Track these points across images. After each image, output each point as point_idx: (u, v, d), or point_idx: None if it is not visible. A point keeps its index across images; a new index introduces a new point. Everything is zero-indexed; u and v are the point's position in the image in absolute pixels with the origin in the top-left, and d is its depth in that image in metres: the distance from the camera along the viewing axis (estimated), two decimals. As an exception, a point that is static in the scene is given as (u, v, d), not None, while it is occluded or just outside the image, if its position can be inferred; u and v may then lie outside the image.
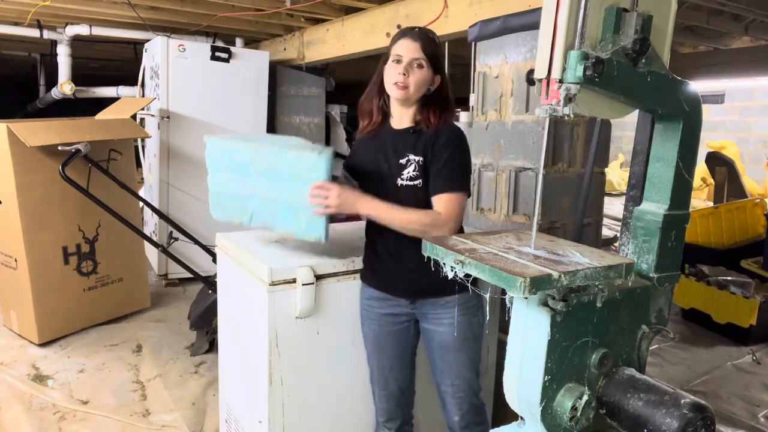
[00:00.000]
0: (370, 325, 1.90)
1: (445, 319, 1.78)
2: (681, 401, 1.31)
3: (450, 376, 1.82)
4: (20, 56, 6.98)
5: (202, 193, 4.55)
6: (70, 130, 3.27)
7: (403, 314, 1.86)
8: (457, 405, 1.84)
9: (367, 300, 1.90)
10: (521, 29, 2.51)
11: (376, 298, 1.87)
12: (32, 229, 3.25)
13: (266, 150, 1.89)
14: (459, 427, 1.86)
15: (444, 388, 1.85)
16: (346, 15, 4.14)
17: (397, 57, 1.73)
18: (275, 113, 5.28)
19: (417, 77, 1.72)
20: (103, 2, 4.16)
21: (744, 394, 3.12)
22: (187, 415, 2.70)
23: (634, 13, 1.32)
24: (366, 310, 1.91)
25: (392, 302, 1.85)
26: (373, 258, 1.87)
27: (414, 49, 1.71)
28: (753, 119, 9.98)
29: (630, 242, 1.61)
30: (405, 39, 1.73)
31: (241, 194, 1.94)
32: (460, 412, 1.84)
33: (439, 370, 1.84)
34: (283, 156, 1.82)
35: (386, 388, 1.91)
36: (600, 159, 2.60)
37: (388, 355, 1.89)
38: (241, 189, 1.93)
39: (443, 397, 1.87)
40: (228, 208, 2.00)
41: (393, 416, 1.93)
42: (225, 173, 1.99)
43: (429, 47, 1.73)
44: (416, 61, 1.71)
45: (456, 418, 1.85)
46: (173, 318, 3.86)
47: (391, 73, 1.74)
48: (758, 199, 5.45)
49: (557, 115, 1.32)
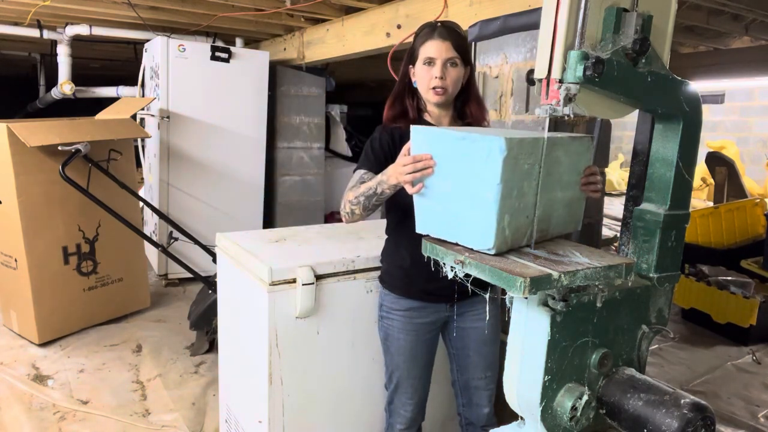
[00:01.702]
0: (406, 337, 1.80)
1: (482, 314, 1.81)
2: (681, 401, 1.31)
3: (484, 369, 1.86)
4: (20, 56, 6.97)
5: (202, 193, 4.62)
6: (70, 130, 3.27)
7: (438, 321, 1.84)
8: (488, 396, 1.87)
9: (402, 312, 1.80)
10: (521, 29, 2.51)
11: (415, 309, 1.79)
12: (32, 229, 3.25)
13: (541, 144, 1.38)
14: (487, 419, 1.88)
15: (476, 382, 1.87)
16: (346, 15, 4.14)
17: (429, 59, 1.67)
18: (275, 113, 5.28)
19: (453, 77, 1.68)
20: (103, 2, 4.16)
21: (744, 394, 3.12)
22: (187, 415, 2.70)
23: (634, 13, 1.32)
24: (399, 322, 1.80)
25: (432, 309, 1.80)
26: (410, 268, 1.76)
27: (446, 49, 1.66)
28: (753, 119, 9.98)
29: (630, 242, 1.61)
30: (434, 39, 1.67)
31: (529, 205, 1.41)
32: (490, 403, 1.88)
33: (473, 365, 1.86)
34: (562, 147, 1.44)
35: (413, 398, 1.88)
36: (600, 159, 2.60)
37: (420, 365, 1.86)
38: (531, 198, 1.41)
39: (472, 392, 1.89)
40: (514, 230, 1.38)
41: (414, 423, 1.92)
42: (519, 182, 1.36)
43: (459, 43, 1.69)
44: (450, 60, 1.67)
45: (486, 410, 1.88)
46: (173, 318, 3.85)
47: (425, 77, 1.68)
48: (758, 199, 5.44)
49: (557, 115, 1.31)
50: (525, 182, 1.37)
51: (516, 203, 1.35)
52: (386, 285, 1.84)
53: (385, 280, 1.86)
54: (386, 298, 1.83)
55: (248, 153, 4.80)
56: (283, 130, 5.37)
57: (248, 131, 4.76)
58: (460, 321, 1.84)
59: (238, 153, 4.73)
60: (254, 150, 4.83)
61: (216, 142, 4.60)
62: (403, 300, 1.79)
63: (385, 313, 1.84)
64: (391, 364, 1.86)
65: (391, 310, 1.82)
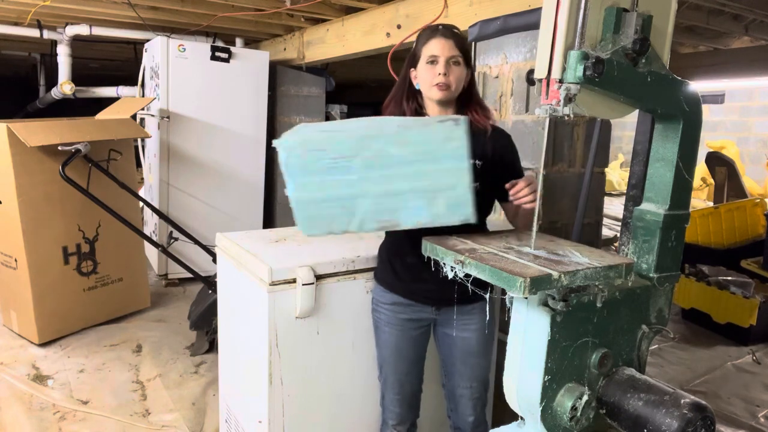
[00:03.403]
0: (391, 330, 1.85)
1: (471, 325, 1.80)
2: (681, 401, 1.31)
3: (470, 379, 1.85)
4: (20, 56, 6.97)
5: (202, 193, 4.62)
6: (70, 130, 3.27)
7: (424, 319, 1.85)
8: (473, 405, 1.87)
9: (388, 305, 1.85)
10: (521, 29, 2.51)
11: (399, 304, 1.83)
12: (32, 229, 3.25)
13: (371, 137, 1.56)
14: (471, 427, 1.88)
15: (461, 391, 1.87)
16: (346, 15, 4.14)
17: (432, 58, 1.69)
18: (275, 113, 5.28)
19: (456, 75, 1.70)
20: (103, 2, 4.16)
21: (744, 394, 3.12)
22: (187, 415, 2.70)
23: (634, 13, 1.32)
24: (386, 315, 1.85)
25: (417, 308, 1.82)
26: (399, 266, 1.82)
27: (449, 47, 1.69)
28: (753, 119, 9.98)
29: (630, 242, 1.61)
30: (437, 38, 1.70)
31: (344, 196, 1.58)
32: (474, 412, 1.88)
33: (459, 374, 1.85)
34: (399, 138, 1.54)
35: (401, 393, 1.89)
36: (600, 159, 2.60)
37: (407, 361, 1.87)
38: (345, 190, 1.58)
39: (458, 399, 1.89)
40: (326, 218, 1.61)
41: (404, 419, 1.93)
42: (317, 177, 1.58)
43: (462, 43, 1.72)
44: (453, 59, 1.69)
45: (471, 419, 1.88)
46: (173, 318, 3.85)
47: (427, 75, 1.70)
48: (758, 199, 5.45)
49: (557, 115, 1.32)
50: (331, 176, 1.54)
51: (319, 195, 1.56)
52: (377, 278, 1.91)
53: (376, 273, 1.92)
54: (376, 290, 1.91)
55: (248, 153, 4.80)
56: (283, 130, 5.33)
57: (248, 131, 4.76)
58: (446, 328, 1.84)
59: (238, 153, 4.73)
60: (254, 150, 4.83)
61: (216, 142, 4.60)
62: (389, 294, 1.85)
63: (375, 305, 1.90)
64: (380, 357, 1.91)
65: (379, 303, 1.88)
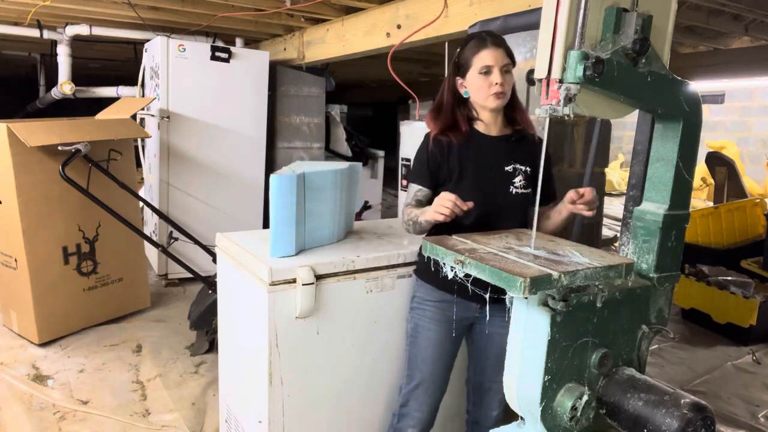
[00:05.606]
0: (439, 328, 1.84)
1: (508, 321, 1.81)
2: (681, 401, 1.31)
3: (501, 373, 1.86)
4: (20, 56, 6.98)
5: (202, 193, 4.62)
6: (70, 130, 3.27)
7: (466, 319, 1.86)
8: (500, 400, 1.88)
9: (436, 303, 1.84)
10: (521, 29, 2.51)
11: (447, 301, 1.83)
12: (32, 229, 3.25)
13: None
14: (495, 420, 1.91)
15: (490, 385, 1.89)
16: (347, 15, 4.14)
17: (485, 68, 1.73)
18: (275, 113, 5.28)
19: (509, 82, 1.76)
20: (103, 2, 4.16)
21: (744, 394, 3.12)
22: (187, 415, 2.70)
23: (634, 13, 1.32)
24: (431, 312, 1.85)
25: (463, 305, 1.83)
26: None
27: (501, 56, 1.73)
28: (753, 119, 9.98)
29: (630, 242, 1.61)
30: (489, 48, 1.73)
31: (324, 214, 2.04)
32: (501, 406, 1.90)
33: (491, 368, 1.87)
34: None
35: (432, 396, 1.89)
36: (600, 159, 2.60)
37: (445, 362, 1.88)
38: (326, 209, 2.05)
39: (484, 393, 1.92)
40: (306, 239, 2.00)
41: (427, 426, 1.92)
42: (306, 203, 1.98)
43: (509, 50, 1.77)
44: (504, 67, 1.74)
45: (496, 413, 1.92)
46: (173, 318, 3.85)
47: (482, 85, 1.74)
48: (758, 199, 5.45)
49: (557, 115, 1.32)
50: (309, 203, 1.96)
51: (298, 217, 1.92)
52: (421, 276, 1.90)
53: (420, 272, 1.91)
54: (420, 289, 1.89)
55: (248, 153, 4.80)
56: (283, 130, 5.37)
57: (248, 131, 4.76)
58: (486, 325, 1.84)
59: (238, 153, 4.73)
60: (254, 150, 4.83)
61: (216, 142, 4.60)
62: (437, 291, 1.84)
63: (417, 304, 1.89)
64: (415, 359, 1.89)
65: (424, 301, 1.87)
